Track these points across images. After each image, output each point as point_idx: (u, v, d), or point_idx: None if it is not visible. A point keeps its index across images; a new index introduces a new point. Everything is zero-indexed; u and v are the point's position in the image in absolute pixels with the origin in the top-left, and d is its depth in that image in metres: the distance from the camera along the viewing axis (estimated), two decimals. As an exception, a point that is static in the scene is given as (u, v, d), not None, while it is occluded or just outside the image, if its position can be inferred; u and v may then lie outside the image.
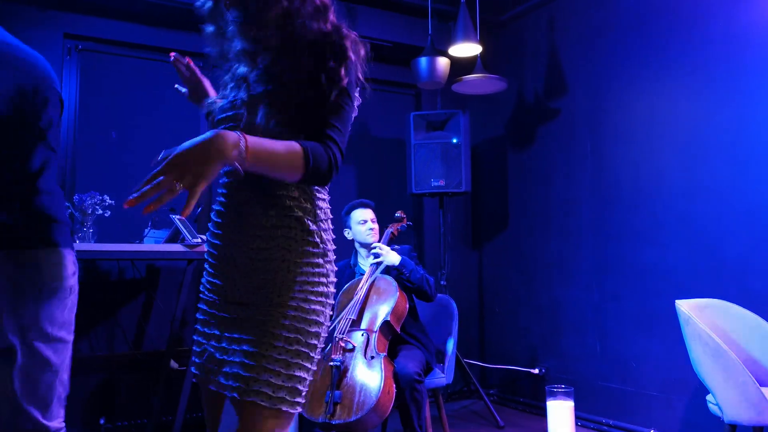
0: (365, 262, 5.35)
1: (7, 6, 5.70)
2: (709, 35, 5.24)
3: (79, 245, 5.26)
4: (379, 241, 5.35)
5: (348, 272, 5.43)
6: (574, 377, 6.17)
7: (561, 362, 6.43)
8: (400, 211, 5.61)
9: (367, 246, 5.34)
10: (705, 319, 4.15)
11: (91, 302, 5.84)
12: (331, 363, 4.53)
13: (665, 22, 5.58)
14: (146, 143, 6.00)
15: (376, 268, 5.09)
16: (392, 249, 5.28)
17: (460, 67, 6.60)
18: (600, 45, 6.18)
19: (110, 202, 5.39)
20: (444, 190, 6.64)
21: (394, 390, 4.46)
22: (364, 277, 5.09)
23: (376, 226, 5.37)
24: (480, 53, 6.35)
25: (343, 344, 4.70)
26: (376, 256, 5.14)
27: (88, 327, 5.85)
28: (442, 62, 6.28)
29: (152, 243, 5.47)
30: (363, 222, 5.32)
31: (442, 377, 5.10)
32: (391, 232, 5.43)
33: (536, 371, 6.62)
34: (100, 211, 5.36)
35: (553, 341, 6.54)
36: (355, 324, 4.84)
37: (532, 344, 6.80)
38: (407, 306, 4.96)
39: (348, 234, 5.43)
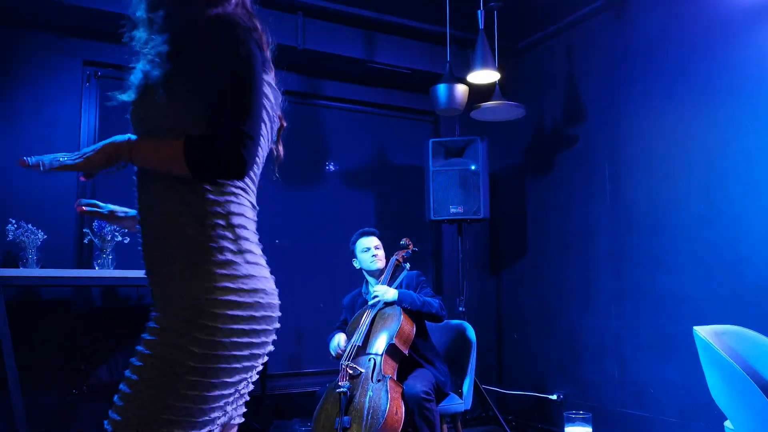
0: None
1: (27, 33, 5.79)
2: (727, 62, 5.25)
3: (98, 271, 5.32)
4: (385, 267, 5.44)
5: (360, 301, 5.51)
6: (593, 403, 6.14)
7: (579, 388, 6.40)
8: (405, 239, 5.69)
9: (373, 273, 5.44)
10: (723, 346, 4.14)
11: (110, 328, 5.89)
12: (338, 390, 4.60)
13: (683, 49, 5.60)
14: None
15: (374, 309, 5.14)
16: (404, 272, 5.44)
17: (478, 93, 6.62)
18: (618, 72, 6.20)
19: (130, 228, 5.42)
20: (462, 217, 6.65)
21: (403, 411, 4.49)
22: (368, 313, 5.15)
23: (379, 252, 5.47)
24: (498, 80, 6.38)
25: (350, 371, 4.75)
26: (375, 297, 5.18)
27: (108, 352, 5.88)
28: (461, 89, 6.30)
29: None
30: (366, 250, 5.44)
31: (460, 403, 5.13)
32: (396, 260, 5.49)
33: (554, 397, 6.60)
34: (120, 238, 5.42)
35: (572, 367, 6.52)
36: (361, 350, 4.92)
37: (551, 370, 6.78)
38: (413, 329, 5.00)
39: (356, 263, 5.54)
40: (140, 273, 5.32)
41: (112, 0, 5.48)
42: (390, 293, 5.11)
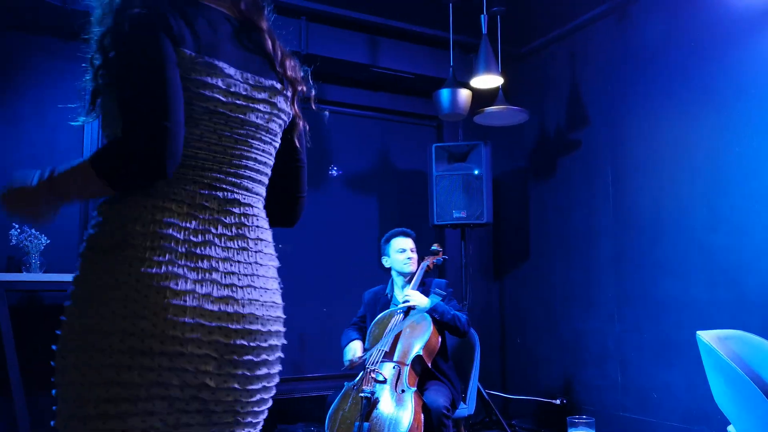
0: (401, 293, 5.33)
1: (32, 38, 5.79)
2: (729, 66, 5.25)
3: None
4: (415, 272, 5.37)
5: (383, 300, 5.43)
6: (596, 408, 6.13)
7: (582, 393, 6.40)
8: (436, 244, 5.64)
9: (405, 275, 5.37)
10: (726, 350, 4.13)
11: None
12: (362, 393, 4.50)
13: (686, 53, 5.60)
14: None
15: (405, 315, 5.07)
16: (430, 281, 5.35)
17: (481, 98, 6.62)
18: (621, 77, 6.20)
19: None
20: (465, 222, 6.64)
21: (423, 424, 4.44)
22: (397, 317, 5.08)
23: (414, 255, 5.39)
24: (501, 85, 6.38)
25: (374, 375, 4.68)
26: (405, 302, 5.10)
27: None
28: (464, 94, 6.30)
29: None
30: (402, 251, 5.36)
31: (464, 408, 5.13)
32: (427, 265, 5.42)
33: (557, 402, 6.59)
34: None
35: (575, 372, 6.51)
36: (387, 356, 4.83)
37: (554, 375, 6.78)
38: (439, 342, 4.96)
39: (386, 262, 5.47)
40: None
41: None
42: (423, 301, 5.06)
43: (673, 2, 5.75)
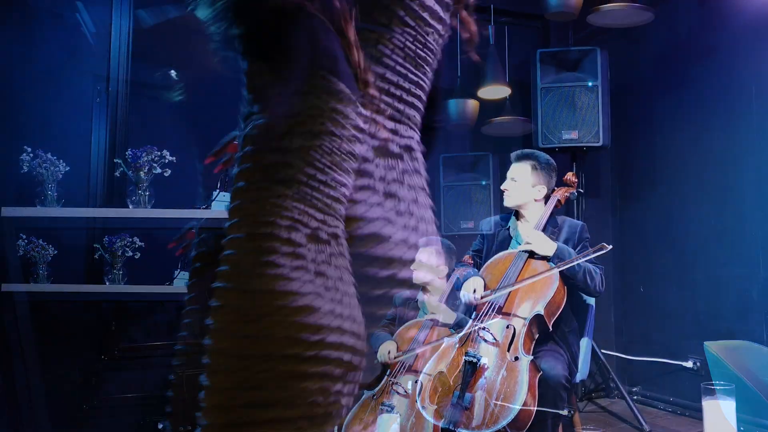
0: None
1: (38, 46, 5.81)
2: (739, 76, 5.24)
3: (108, 287, 5.33)
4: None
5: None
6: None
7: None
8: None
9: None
10: (733, 361, 4.12)
11: (120, 343, 5.89)
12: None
13: (695, 63, 5.60)
14: (173, 185, 6.01)
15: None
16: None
17: (488, 108, 6.62)
18: (629, 87, 6.19)
19: (140, 243, 5.44)
20: (471, 232, 6.65)
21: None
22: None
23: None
24: (509, 95, 6.38)
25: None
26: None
27: (118, 368, 5.89)
28: (471, 104, 6.31)
29: (182, 284, 5.52)
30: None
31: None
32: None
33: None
34: (130, 253, 5.41)
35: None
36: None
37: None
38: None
39: None
40: (151, 288, 5.26)
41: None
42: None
43: (683, 12, 5.74)
